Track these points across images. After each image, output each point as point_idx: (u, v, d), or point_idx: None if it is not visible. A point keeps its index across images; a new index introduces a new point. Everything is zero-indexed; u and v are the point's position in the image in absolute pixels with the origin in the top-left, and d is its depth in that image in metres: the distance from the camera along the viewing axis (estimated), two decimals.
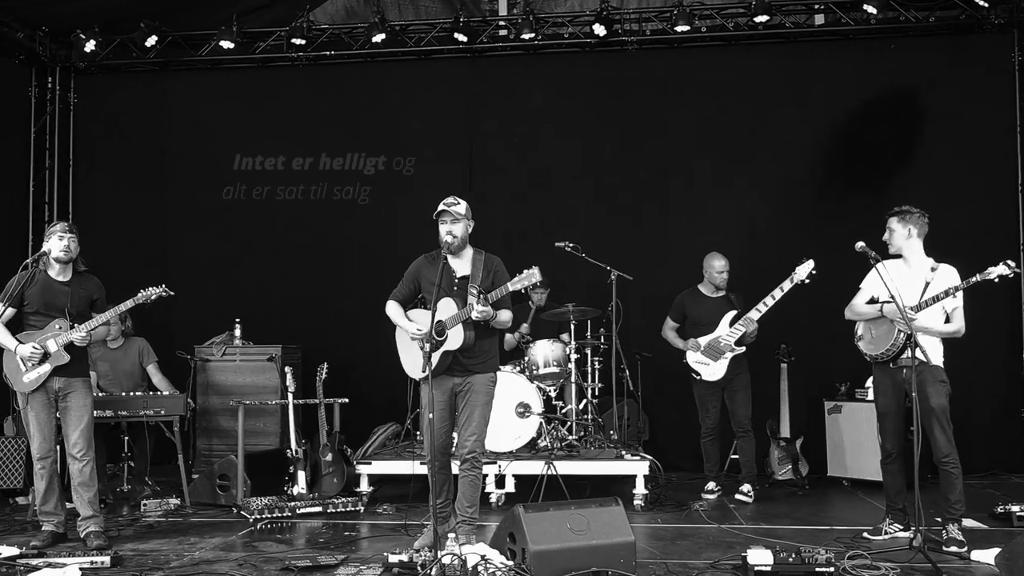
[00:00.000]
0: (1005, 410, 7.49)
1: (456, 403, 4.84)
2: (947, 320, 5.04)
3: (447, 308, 4.73)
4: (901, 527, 5.16)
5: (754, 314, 6.20)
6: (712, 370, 6.47)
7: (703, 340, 6.49)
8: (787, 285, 6.02)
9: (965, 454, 5.09)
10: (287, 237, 8.49)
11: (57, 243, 5.11)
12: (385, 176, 8.42)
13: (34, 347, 5.01)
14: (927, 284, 5.01)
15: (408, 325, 4.84)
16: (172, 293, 5.23)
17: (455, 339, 4.72)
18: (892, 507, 5.23)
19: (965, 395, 6.54)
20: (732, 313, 6.40)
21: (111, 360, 6.89)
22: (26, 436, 6.47)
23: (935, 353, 5.04)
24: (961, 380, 5.32)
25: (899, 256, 5.18)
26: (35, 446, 5.13)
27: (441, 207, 4.80)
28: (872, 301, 5.21)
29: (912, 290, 5.02)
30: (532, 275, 4.67)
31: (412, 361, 4.91)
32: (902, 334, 4.91)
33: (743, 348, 6.40)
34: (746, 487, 6.50)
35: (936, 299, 4.90)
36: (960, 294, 4.95)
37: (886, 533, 5.14)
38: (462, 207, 4.82)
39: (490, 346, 4.90)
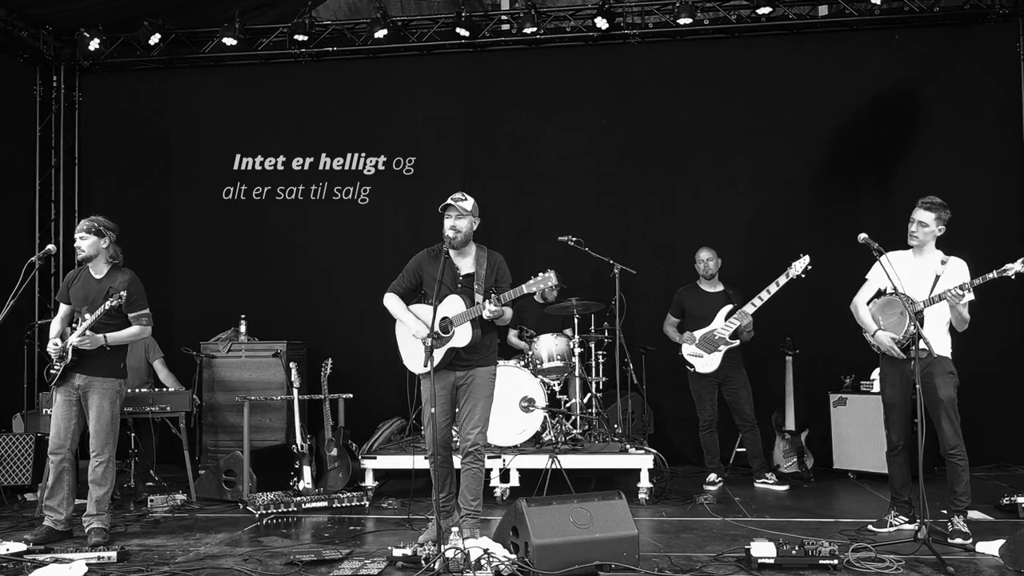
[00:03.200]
0: (1011, 401, 7.46)
1: (457, 397, 4.86)
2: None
3: (454, 305, 4.73)
4: (906, 519, 5.15)
5: (749, 308, 6.29)
6: (705, 362, 6.55)
7: (698, 333, 6.57)
8: (782, 280, 6.06)
9: (971, 446, 5.08)
10: (288, 236, 8.49)
11: (77, 243, 5.18)
12: (387, 172, 8.41)
13: (55, 343, 5.08)
14: (937, 278, 4.96)
15: (412, 322, 4.80)
16: (121, 301, 5.00)
17: (463, 336, 4.72)
18: (897, 499, 5.22)
19: (971, 386, 6.49)
20: (728, 307, 6.50)
21: None
22: (35, 433, 6.58)
23: (943, 345, 5.02)
24: (968, 371, 5.29)
25: (908, 248, 5.12)
26: (49, 439, 5.19)
27: (448, 201, 4.79)
28: (880, 293, 5.20)
29: (922, 283, 4.98)
30: (548, 279, 4.64)
31: (412, 355, 4.90)
32: (912, 325, 4.90)
33: (737, 342, 6.50)
34: (770, 475, 6.68)
35: (963, 288, 4.83)
36: (971, 290, 4.90)
37: (891, 525, 5.13)
38: (468, 203, 4.81)
39: (491, 341, 4.91)
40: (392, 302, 4.93)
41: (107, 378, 5.17)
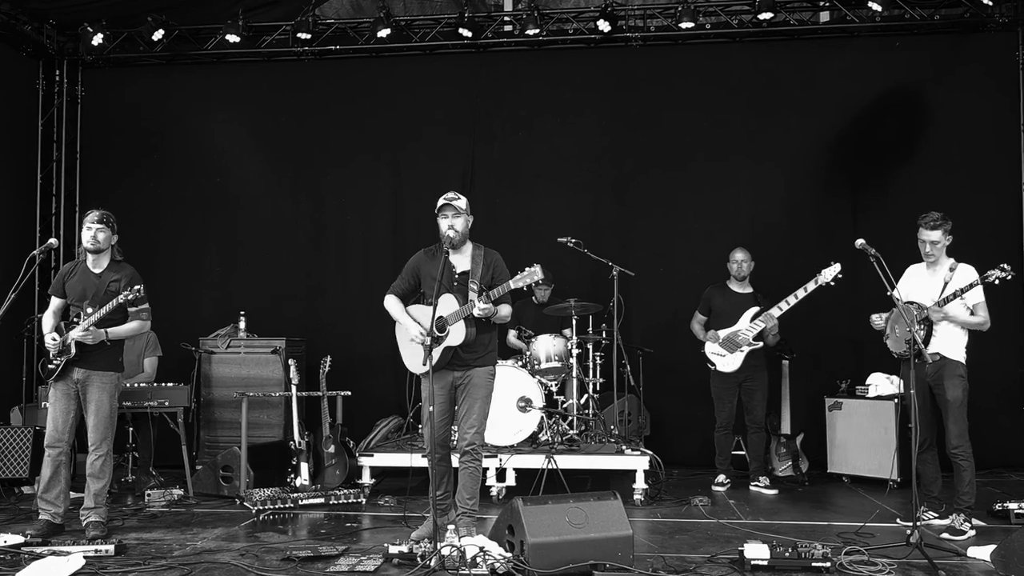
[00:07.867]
0: (1005, 407, 7.48)
1: (456, 396, 4.89)
2: (971, 314, 5.21)
3: (448, 304, 4.76)
4: (936, 515, 5.32)
5: (775, 311, 6.30)
6: (727, 362, 6.56)
7: (723, 332, 6.58)
8: (811, 286, 6.03)
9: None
10: (288, 233, 8.51)
11: (85, 233, 5.14)
12: (387, 171, 8.45)
13: (53, 338, 5.06)
14: (945, 284, 5.18)
15: (410, 324, 4.85)
16: (141, 295, 5.03)
17: (457, 335, 4.75)
18: (927, 495, 5.37)
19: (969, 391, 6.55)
20: (755, 309, 6.52)
21: None
22: (33, 426, 6.59)
23: (955, 349, 5.20)
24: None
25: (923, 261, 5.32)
26: (46, 433, 5.18)
27: (442, 201, 4.84)
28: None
29: (933, 292, 5.21)
30: (534, 273, 4.68)
31: (412, 356, 4.94)
32: (920, 332, 5.08)
33: (760, 344, 6.52)
34: (763, 479, 6.69)
35: (955, 295, 5.09)
36: (980, 288, 5.09)
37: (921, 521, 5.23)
38: (462, 202, 4.86)
39: (489, 340, 4.93)
40: (391, 303, 4.99)
41: (106, 372, 5.17)
